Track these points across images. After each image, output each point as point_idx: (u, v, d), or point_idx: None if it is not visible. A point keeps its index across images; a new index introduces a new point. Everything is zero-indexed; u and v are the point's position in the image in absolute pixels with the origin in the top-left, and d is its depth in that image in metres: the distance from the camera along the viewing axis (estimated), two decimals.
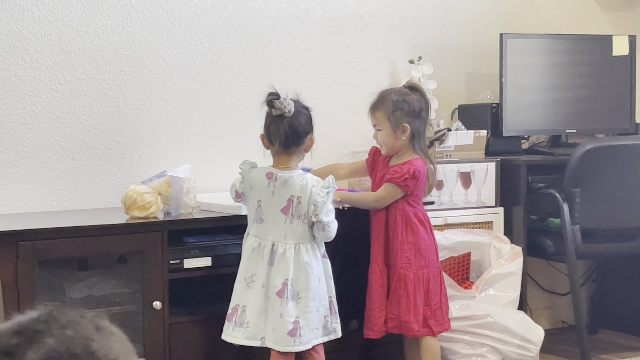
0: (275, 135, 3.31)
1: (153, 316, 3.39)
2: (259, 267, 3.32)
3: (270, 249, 3.32)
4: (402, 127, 3.54)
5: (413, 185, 3.52)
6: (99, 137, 3.82)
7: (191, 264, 3.49)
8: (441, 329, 3.57)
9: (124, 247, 3.39)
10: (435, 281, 3.57)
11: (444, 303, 3.59)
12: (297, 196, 3.31)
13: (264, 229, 3.34)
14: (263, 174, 3.35)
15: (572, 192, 4.07)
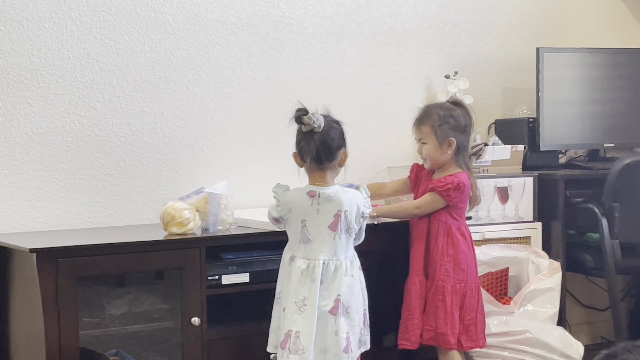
0: (307, 152, 3.27)
1: (191, 332, 3.39)
2: (311, 289, 3.23)
3: (322, 268, 3.25)
4: (448, 141, 3.55)
5: (456, 197, 3.52)
6: (136, 154, 3.84)
7: (229, 279, 3.49)
8: (472, 345, 3.55)
9: (163, 264, 3.40)
10: (471, 296, 3.55)
11: (479, 320, 3.57)
12: (345, 210, 3.27)
13: (311, 249, 3.27)
14: (304, 194, 3.29)
15: (610, 206, 4.04)
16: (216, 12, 4.00)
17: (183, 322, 3.39)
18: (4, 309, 3.50)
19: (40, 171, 3.67)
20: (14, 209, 3.63)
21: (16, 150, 3.63)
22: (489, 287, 4.00)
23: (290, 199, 3.30)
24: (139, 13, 3.83)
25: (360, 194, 3.34)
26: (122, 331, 3.46)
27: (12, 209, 3.62)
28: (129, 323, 3.48)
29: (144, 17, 3.84)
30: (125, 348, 3.40)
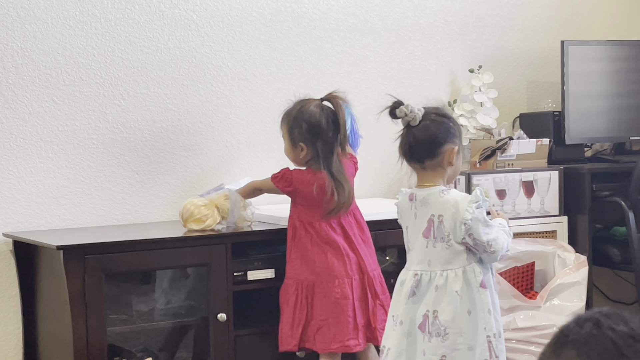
0: (402, 148, 2.97)
1: (218, 328, 3.40)
2: (400, 303, 2.97)
3: (413, 279, 2.95)
4: (300, 145, 3.36)
5: (282, 187, 3.38)
6: (162, 150, 3.85)
7: (255, 275, 3.50)
8: (325, 347, 3.34)
9: (189, 260, 3.41)
10: (323, 296, 3.34)
11: (332, 322, 3.33)
12: (438, 215, 2.91)
13: (410, 259, 3.00)
14: (406, 197, 3.01)
15: (637, 199, 4.02)
16: (239, 9, 4.00)
17: (210, 318, 3.40)
18: (31, 306, 3.52)
19: (66, 168, 3.69)
20: (41, 207, 3.65)
21: (42, 147, 3.64)
22: (515, 282, 3.99)
23: (399, 204, 3.05)
24: (162, 10, 3.84)
25: (467, 198, 2.90)
26: (150, 327, 3.48)
27: (38, 206, 3.64)
28: (155, 319, 3.49)
29: (168, 14, 3.85)
30: (152, 345, 3.41)
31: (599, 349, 1.10)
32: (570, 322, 1.15)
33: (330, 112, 3.37)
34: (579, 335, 1.12)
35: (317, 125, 3.33)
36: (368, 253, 3.43)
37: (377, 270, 3.46)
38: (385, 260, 3.94)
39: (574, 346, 1.12)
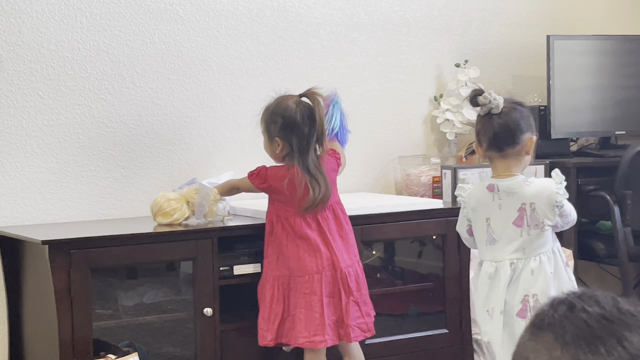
0: (484, 136, 3.04)
1: (204, 323, 3.40)
2: (498, 294, 3.01)
3: (509, 269, 3.01)
4: (276, 140, 3.36)
5: (258, 184, 3.39)
6: (147, 145, 3.84)
7: (241, 270, 3.50)
8: (287, 341, 3.36)
9: (175, 254, 3.41)
10: (295, 291, 3.35)
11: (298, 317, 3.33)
12: (530, 203, 3.02)
13: (498, 250, 3.05)
14: (484, 189, 3.08)
15: (623, 194, 4.03)
16: (225, 3, 3.99)
17: (196, 313, 3.39)
18: (16, 301, 3.51)
19: (51, 163, 3.68)
20: (26, 201, 3.63)
21: (27, 142, 3.63)
22: None
23: (472, 196, 3.10)
24: (148, 4, 3.83)
25: (553, 181, 3.04)
26: (135, 322, 3.47)
27: (23, 201, 3.63)
28: (141, 314, 3.48)
29: (154, 8, 3.84)
30: (138, 339, 3.41)
31: (574, 331, 1.11)
32: (545, 306, 1.16)
33: (307, 107, 3.36)
34: (554, 318, 1.13)
35: (292, 120, 3.33)
36: (344, 249, 3.40)
37: (355, 266, 3.42)
38: (371, 254, 3.94)
39: (550, 330, 1.13)
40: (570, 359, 1.10)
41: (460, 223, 3.24)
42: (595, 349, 1.09)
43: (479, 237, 3.13)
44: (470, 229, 3.20)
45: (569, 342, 1.11)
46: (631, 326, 1.11)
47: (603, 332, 1.10)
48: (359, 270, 3.44)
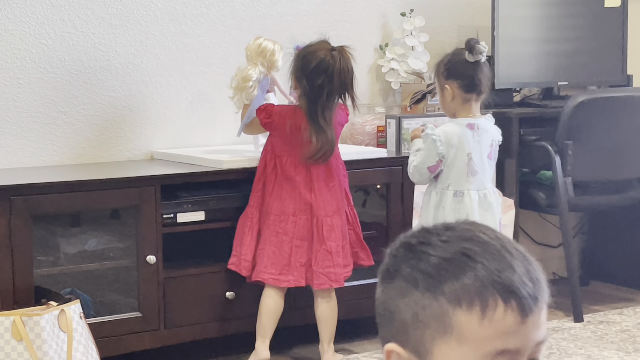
0: (479, 82, 3.40)
1: (147, 271, 3.39)
2: (487, 218, 3.38)
3: (490, 196, 3.44)
4: (294, 84, 3.49)
5: (263, 120, 3.47)
6: (90, 91, 3.79)
7: (184, 218, 3.50)
8: (254, 276, 3.46)
9: (118, 202, 3.39)
10: (267, 227, 3.45)
11: (267, 254, 3.44)
12: (495, 139, 3.50)
13: (479, 180, 3.43)
14: (464, 126, 3.42)
15: (564, 144, 4.07)
16: None
17: (139, 260, 3.39)
18: None
19: None
20: None
21: None
22: None
23: (451, 133, 3.40)
24: None
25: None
26: (77, 270, 3.45)
27: None
28: (84, 262, 3.47)
29: None
30: (80, 287, 3.40)
31: (419, 268, 1.12)
32: (386, 258, 1.17)
33: (331, 60, 3.41)
34: (398, 264, 1.14)
35: (307, 66, 3.41)
36: (329, 199, 3.47)
37: (335, 218, 3.48)
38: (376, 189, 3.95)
39: (398, 276, 1.14)
40: (427, 295, 1.11)
41: (428, 159, 3.40)
42: (447, 276, 1.10)
43: (458, 169, 3.41)
44: (437, 165, 3.39)
45: (419, 280, 1.12)
46: (476, 252, 1.12)
47: (449, 262, 1.11)
48: (339, 222, 3.50)
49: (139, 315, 3.40)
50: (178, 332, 3.47)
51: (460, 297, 1.09)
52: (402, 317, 1.13)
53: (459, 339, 1.10)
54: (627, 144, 4.16)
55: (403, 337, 1.14)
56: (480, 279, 1.09)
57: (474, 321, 1.09)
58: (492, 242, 1.13)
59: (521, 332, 1.10)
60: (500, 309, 1.09)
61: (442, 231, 1.15)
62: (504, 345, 1.09)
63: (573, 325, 3.96)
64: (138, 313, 3.40)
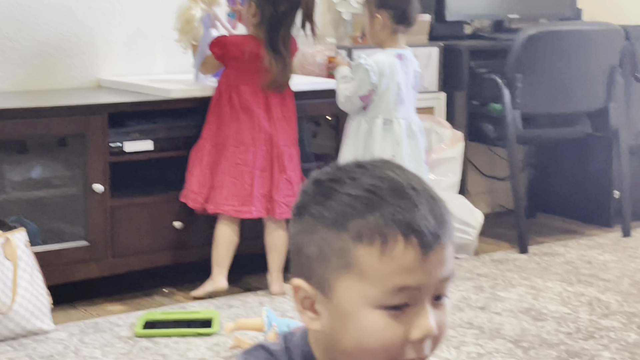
0: (410, 14, 3.46)
1: (94, 199, 3.37)
2: (412, 146, 3.53)
3: (410, 126, 3.54)
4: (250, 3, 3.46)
5: (216, 53, 3.45)
6: (35, 17, 3.72)
7: (132, 147, 3.47)
8: (214, 209, 3.45)
9: (65, 130, 3.35)
10: (226, 159, 3.44)
11: (226, 185, 3.44)
12: (418, 70, 3.60)
13: (405, 110, 3.52)
14: (393, 57, 3.48)
15: (514, 77, 4.08)
16: None
17: (86, 189, 3.36)
18: None
19: None
20: None
21: None
22: None
23: (383, 63, 3.45)
24: None
25: None
26: (23, 198, 3.42)
27: None
28: (30, 190, 3.43)
29: None
30: (26, 215, 3.37)
31: (327, 205, 1.13)
32: (298, 195, 1.19)
33: None
34: (307, 201, 1.16)
35: None
36: (285, 129, 3.49)
37: (291, 147, 3.51)
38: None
39: (306, 212, 1.15)
40: (332, 231, 1.12)
41: (360, 89, 3.46)
42: (363, 211, 1.11)
43: (388, 100, 3.48)
44: (369, 94, 3.45)
45: (326, 217, 1.13)
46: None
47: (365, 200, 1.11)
48: (294, 152, 3.53)
49: (86, 244, 3.38)
50: (126, 261, 3.46)
51: (362, 233, 1.10)
52: (308, 252, 1.14)
53: (359, 275, 1.10)
54: (576, 78, 4.18)
55: (308, 272, 1.15)
56: (383, 216, 1.10)
57: (374, 257, 1.09)
58: (399, 180, 1.13)
59: (422, 269, 1.10)
60: (400, 245, 1.09)
61: (352, 168, 1.16)
62: (404, 282, 1.10)
63: (518, 256, 4.01)
64: (85, 242, 3.38)
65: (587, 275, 3.73)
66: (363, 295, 1.11)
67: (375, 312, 1.10)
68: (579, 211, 4.63)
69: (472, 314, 3.28)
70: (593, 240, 4.25)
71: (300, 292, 1.16)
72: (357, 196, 1.11)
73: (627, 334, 3.09)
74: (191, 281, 3.63)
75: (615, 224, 4.42)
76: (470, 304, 3.39)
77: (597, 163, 4.54)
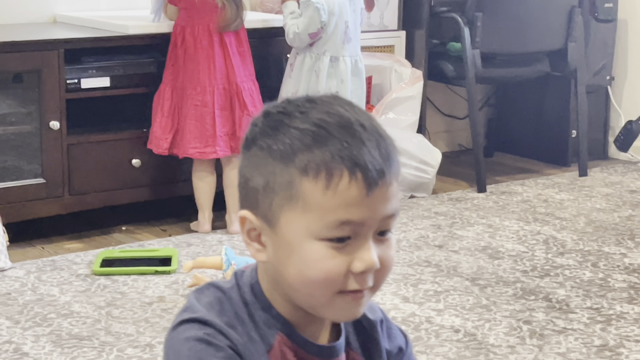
0: None
1: (51, 136, 3.34)
2: (356, 83, 3.64)
3: (356, 64, 3.63)
4: None
5: None
6: None
7: (89, 84, 3.43)
8: (180, 152, 3.45)
9: (20, 66, 3.30)
10: (186, 102, 3.42)
11: (188, 128, 3.42)
12: (362, 7, 3.66)
13: (353, 47, 3.62)
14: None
15: (474, 16, 4.07)
16: None
17: (41, 126, 3.32)
18: None
19: None
20: None
21: None
22: None
23: (333, 1, 3.52)
24: None
25: None
26: None
27: None
28: None
29: None
30: None
31: (275, 137, 1.13)
32: (248, 127, 1.18)
33: None
34: (256, 133, 1.16)
35: None
36: (241, 65, 3.47)
37: (249, 83, 3.48)
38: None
39: (255, 145, 1.15)
40: (279, 164, 1.12)
41: (310, 26, 3.51)
42: (322, 143, 1.11)
43: (336, 37, 3.56)
44: (318, 32, 3.52)
45: (274, 149, 1.13)
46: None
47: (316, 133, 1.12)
48: (253, 87, 3.51)
49: (43, 182, 3.35)
50: (83, 199, 3.44)
51: (308, 166, 1.10)
52: (255, 184, 1.15)
53: (304, 208, 1.11)
54: (536, 17, 4.18)
55: (255, 204, 1.15)
56: (330, 151, 1.10)
57: (318, 190, 1.10)
58: (348, 117, 1.13)
59: (366, 205, 1.11)
60: (345, 180, 1.10)
61: (302, 102, 1.15)
62: (347, 216, 1.11)
63: (476, 195, 4.04)
64: (42, 179, 3.35)
65: (543, 214, 3.76)
66: (307, 227, 1.12)
67: (318, 244, 1.11)
68: (536, 150, 4.66)
69: (430, 252, 3.31)
70: (550, 180, 4.28)
71: (246, 224, 1.16)
72: (306, 130, 1.12)
73: (582, 271, 3.13)
74: (149, 219, 3.62)
75: (573, 163, 4.46)
76: (428, 242, 3.42)
77: (556, 103, 4.57)
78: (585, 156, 4.33)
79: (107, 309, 2.80)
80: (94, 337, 2.61)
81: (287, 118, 1.14)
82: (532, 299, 2.90)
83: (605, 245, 3.39)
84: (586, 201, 3.95)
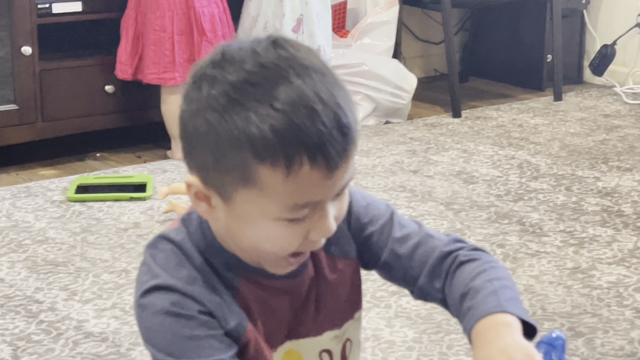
0: None
1: (22, 62, 3.30)
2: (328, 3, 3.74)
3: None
4: None
5: None
6: None
7: (60, 8, 3.39)
8: (142, 77, 3.43)
9: None
10: (149, 29, 3.39)
11: (147, 54, 3.40)
12: None
13: None
14: None
15: None
16: None
17: (13, 51, 3.29)
18: None
19: None
20: None
21: None
22: None
23: None
24: None
25: None
26: None
27: None
28: None
29: None
30: None
31: (232, 119, 1.03)
32: (195, 70, 1.09)
33: None
34: (202, 100, 1.06)
35: None
36: None
37: (212, 8, 3.41)
38: None
39: (202, 117, 1.06)
40: (228, 144, 1.04)
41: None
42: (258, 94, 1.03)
43: None
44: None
45: (225, 129, 1.04)
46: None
47: (245, 98, 1.04)
48: (217, 11, 3.42)
49: (16, 108, 3.33)
50: (56, 125, 3.42)
51: (264, 152, 1.02)
52: (201, 154, 1.07)
53: (260, 191, 1.05)
54: None
55: (204, 175, 1.08)
56: (287, 136, 1.02)
57: (278, 178, 1.03)
58: (304, 91, 1.03)
59: (326, 185, 1.06)
60: (305, 167, 1.03)
61: (252, 67, 1.05)
62: (307, 199, 1.06)
63: (451, 120, 4.04)
64: (14, 105, 3.33)
65: (518, 139, 3.78)
66: (263, 209, 1.06)
67: (276, 223, 1.07)
68: (511, 75, 4.65)
69: (405, 177, 3.32)
70: (525, 104, 4.29)
71: (193, 189, 1.10)
72: (259, 113, 1.02)
73: (555, 195, 3.15)
74: (124, 146, 3.60)
75: (547, 88, 4.46)
76: (403, 167, 3.43)
77: (531, 27, 4.55)
78: (560, 81, 4.34)
79: (82, 235, 2.80)
80: (70, 263, 2.62)
81: (237, 92, 1.04)
82: (506, 222, 2.92)
83: (579, 169, 3.41)
84: (560, 125, 3.96)
